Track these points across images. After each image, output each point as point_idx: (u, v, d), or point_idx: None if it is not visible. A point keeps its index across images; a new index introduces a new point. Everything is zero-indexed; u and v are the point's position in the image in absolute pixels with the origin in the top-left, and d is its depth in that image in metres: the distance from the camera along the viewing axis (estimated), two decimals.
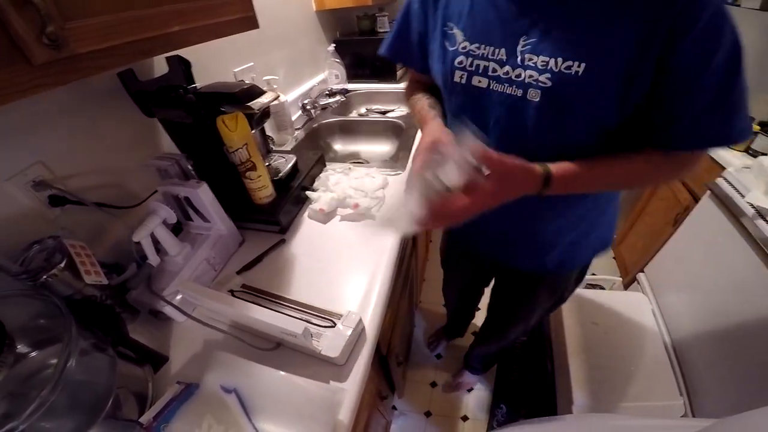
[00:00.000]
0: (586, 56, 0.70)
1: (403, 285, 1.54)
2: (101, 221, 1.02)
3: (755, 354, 1.32)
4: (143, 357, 0.87)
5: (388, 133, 2.10)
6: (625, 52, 0.67)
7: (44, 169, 0.89)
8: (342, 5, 2.30)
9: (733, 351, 1.41)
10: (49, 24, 0.49)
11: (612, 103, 0.72)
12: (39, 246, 0.79)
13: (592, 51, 0.70)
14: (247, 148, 1.07)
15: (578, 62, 0.70)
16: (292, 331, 0.75)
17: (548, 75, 0.74)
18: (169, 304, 0.93)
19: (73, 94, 0.94)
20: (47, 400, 0.55)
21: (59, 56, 0.53)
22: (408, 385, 2.13)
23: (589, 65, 0.70)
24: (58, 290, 0.76)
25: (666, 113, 0.71)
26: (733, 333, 1.43)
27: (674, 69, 0.66)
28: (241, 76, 1.62)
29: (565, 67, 0.72)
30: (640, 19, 0.65)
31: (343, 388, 0.81)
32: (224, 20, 0.87)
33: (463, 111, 0.92)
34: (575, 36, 0.71)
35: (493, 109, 0.86)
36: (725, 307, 1.49)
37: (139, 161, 1.11)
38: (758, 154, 1.72)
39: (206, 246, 1.08)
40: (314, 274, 1.10)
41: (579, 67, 0.71)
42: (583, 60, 0.70)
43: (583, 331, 1.76)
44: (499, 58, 0.81)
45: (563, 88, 0.73)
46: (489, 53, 0.82)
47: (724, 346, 1.46)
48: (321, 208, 1.28)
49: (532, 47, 0.75)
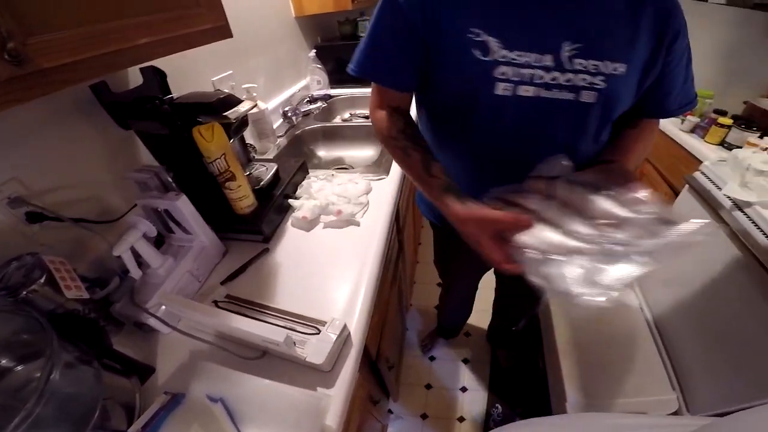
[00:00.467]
0: (626, 59, 0.83)
1: (391, 288, 1.54)
2: (81, 236, 1.01)
3: (741, 345, 1.33)
4: (129, 368, 0.87)
5: (371, 138, 2.09)
6: (645, 55, 0.84)
7: (19, 185, 0.88)
8: (322, 10, 2.30)
9: (720, 343, 1.42)
10: (10, 40, 0.49)
11: (636, 91, 0.90)
12: (17, 263, 0.79)
13: (629, 54, 0.83)
14: (225, 158, 1.07)
15: (622, 64, 0.83)
16: (274, 340, 0.75)
17: (602, 77, 0.83)
18: (153, 316, 0.92)
19: (45, 108, 0.94)
20: (32, 412, 0.56)
21: (23, 72, 0.52)
22: (403, 388, 2.12)
23: (628, 66, 0.83)
24: (40, 305, 0.76)
25: (663, 90, 0.92)
26: (718, 325, 1.44)
27: (671, 61, 0.87)
28: (219, 85, 1.61)
29: (613, 69, 0.82)
30: (654, 30, 0.82)
31: (329, 394, 0.81)
32: (195, 30, 0.87)
33: (505, 125, 0.90)
34: (616, 42, 0.82)
35: (550, 117, 0.88)
36: (709, 300, 1.50)
37: (117, 174, 1.10)
38: (733, 147, 1.77)
39: (189, 258, 1.08)
40: (299, 282, 1.10)
41: (623, 68, 0.83)
42: (624, 62, 0.83)
43: (572, 329, 1.77)
44: (544, 65, 0.81)
45: (615, 87, 0.84)
46: (533, 60, 0.81)
47: (711, 338, 1.46)
48: (304, 216, 1.28)
49: (581, 52, 0.81)
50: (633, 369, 1.61)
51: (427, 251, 2.98)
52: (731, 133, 1.80)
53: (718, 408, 1.38)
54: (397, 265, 1.68)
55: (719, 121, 1.83)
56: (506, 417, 1.96)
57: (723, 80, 2.14)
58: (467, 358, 2.29)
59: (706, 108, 2.00)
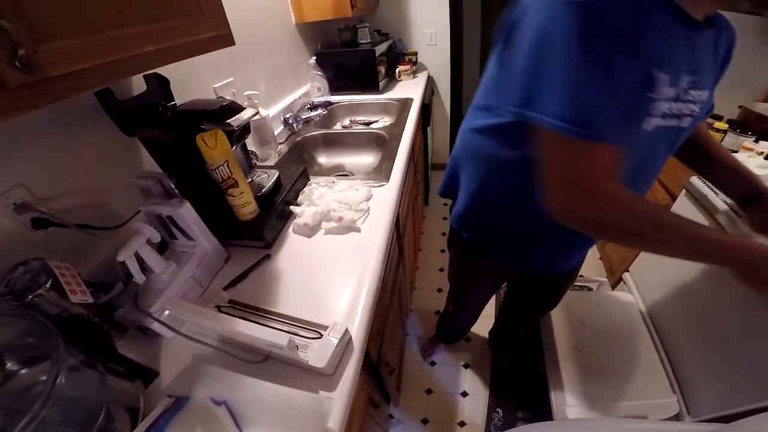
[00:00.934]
0: (711, 86, 0.90)
1: (392, 293, 1.55)
2: (86, 242, 1.02)
3: (742, 349, 1.33)
4: (133, 372, 0.87)
5: (371, 145, 2.11)
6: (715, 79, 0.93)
7: (25, 191, 0.89)
8: (322, 18, 2.32)
9: (721, 347, 1.42)
10: (21, 47, 0.50)
11: None
12: (24, 267, 0.80)
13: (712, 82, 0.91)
14: (228, 165, 1.08)
15: (708, 91, 0.89)
16: (277, 344, 0.76)
17: (700, 105, 0.87)
18: (157, 320, 0.93)
19: (51, 115, 0.95)
20: (38, 415, 0.56)
21: (32, 80, 0.53)
22: (403, 393, 2.12)
23: (709, 92, 0.89)
24: (45, 309, 0.77)
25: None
26: (718, 329, 1.44)
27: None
28: (221, 92, 1.63)
29: (705, 96, 0.87)
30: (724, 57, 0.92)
31: (332, 397, 0.82)
32: (199, 38, 0.88)
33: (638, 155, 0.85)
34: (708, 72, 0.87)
35: (659, 146, 0.90)
36: (709, 303, 1.50)
37: (121, 180, 1.11)
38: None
39: (192, 263, 1.08)
40: (300, 287, 1.11)
41: (707, 94, 0.88)
42: (708, 89, 0.88)
43: (572, 333, 1.77)
44: (671, 96, 0.78)
45: (701, 111, 0.90)
46: (670, 94, 0.78)
47: (711, 342, 1.46)
48: (305, 223, 1.28)
49: (696, 84, 0.82)
50: (633, 372, 1.61)
51: (427, 257, 3.01)
52: (727, 137, 1.82)
53: (718, 411, 1.38)
54: (397, 270, 1.69)
55: (715, 125, 1.85)
56: (507, 422, 1.96)
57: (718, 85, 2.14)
58: (468, 363, 2.29)
59: None
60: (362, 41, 2.79)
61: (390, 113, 2.57)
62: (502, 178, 1.04)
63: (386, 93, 2.78)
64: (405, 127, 2.10)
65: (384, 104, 2.62)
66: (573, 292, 1.99)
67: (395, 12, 3.26)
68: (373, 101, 2.65)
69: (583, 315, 1.84)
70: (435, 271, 2.92)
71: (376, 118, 2.56)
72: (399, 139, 1.93)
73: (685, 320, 1.62)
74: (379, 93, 2.73)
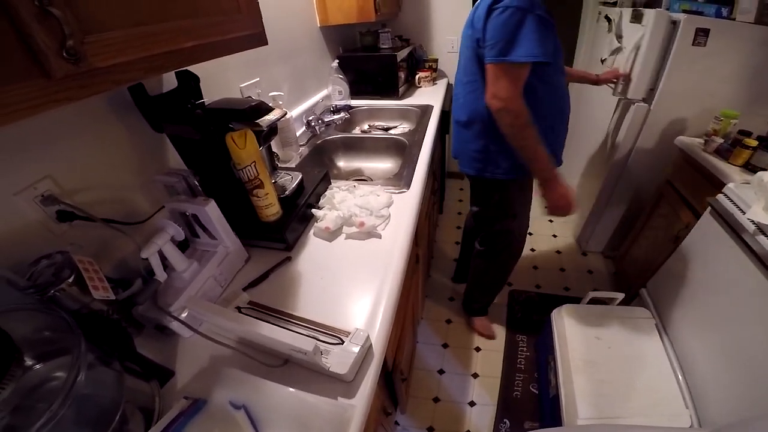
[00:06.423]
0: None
1: (407, 301, 1.54)
2: (108, 236, 1.01)
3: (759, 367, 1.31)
4: (149, 371, 0.87)
5: (390, 151, 2.10)
6: None
7: (52, 183, 0.89)
8: (347, 21, 2.33)
9: (738, 364, 1.40)
10: (70, 38, 0.50)
11: None
12: (47, 261, 0.79)
13: None
14: (255, 165, 1.07)
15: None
16: (303, 348, 0.74)
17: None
18: (177, 319, 0.92)
19: (82, 108, 0.95)
20: (57, 414, 0.55)
21: (78, 70, 0.53)
22: (410, 401, 2.11)
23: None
24: (66, 305, 0.76)
25: None
26: (737, 347, 1.42)
27: None
28: (247, 92, 1.63)
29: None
30: None
31: (353, 404, 0.80)
32: (235, 36, 0.88)
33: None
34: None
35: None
36: (728, 321, 1.48)
37: (146, 177, 1.11)
38: (757, 169, 1.71)
39: (213, 263, 1.08)
40: (320, 291, 1.10)
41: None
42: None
43: (587, 346, 1.75)
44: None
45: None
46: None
47: (728, 359, 1.45)
48: (327, 227, 1.28)
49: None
50: (646, 386, 1.59)
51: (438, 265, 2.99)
52: (756, 154, 1.76)
53: None
54: (412, 278, 1.68)
55: (744, 142, 1.80)
56: None
57: (748, 100, 2.11)
58: (477, 372, 2.27)
59: (731, 128, 1.95)
60: (383, 46, 2.79)
61: (409, 119, 2.56)
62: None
63: (405, 99, 2.78)
64: (426, 133, 2.10)
65: (403, 110, 2.61)
66: (588, 306, 1.97)
67: (417, 18, 3.25)
68: (392, 106, 2.64)
69: (598, 329, 1.82)
70: (446, 279, 2.89)
71: (395, 124, 2.56)
72: (419, 146, 1.92)
73: (700, 337, 1.61)
74: (399, 98, 2.73)
